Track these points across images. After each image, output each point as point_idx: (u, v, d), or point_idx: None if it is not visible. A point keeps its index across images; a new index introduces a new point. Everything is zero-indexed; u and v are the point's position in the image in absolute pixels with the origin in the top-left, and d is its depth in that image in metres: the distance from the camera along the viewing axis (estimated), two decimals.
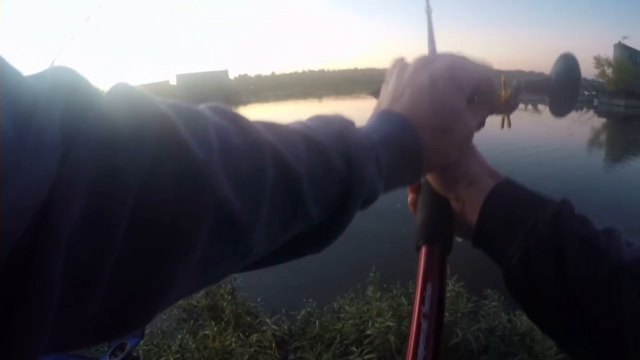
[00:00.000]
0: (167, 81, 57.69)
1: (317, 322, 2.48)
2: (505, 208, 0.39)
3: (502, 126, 0.48)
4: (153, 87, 53.25)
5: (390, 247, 5.58)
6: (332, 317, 2.56)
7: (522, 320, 2.40)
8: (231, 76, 63.12)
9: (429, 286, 0.38)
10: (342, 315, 2.50)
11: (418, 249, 0.41)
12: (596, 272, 0.33)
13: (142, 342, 2.08)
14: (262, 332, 2.22)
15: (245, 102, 45.52)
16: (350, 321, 2.40)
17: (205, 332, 2.23)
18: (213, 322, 2.21)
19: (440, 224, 0.42)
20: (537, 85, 0.48)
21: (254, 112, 39.77)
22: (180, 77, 56.86)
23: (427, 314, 0.36)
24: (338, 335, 2.37)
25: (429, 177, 0.45)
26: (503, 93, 0.46)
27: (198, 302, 2.66)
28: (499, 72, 0.49)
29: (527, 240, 0.36)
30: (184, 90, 51.71)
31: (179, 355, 2.20)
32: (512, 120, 0.48)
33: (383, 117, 0.38)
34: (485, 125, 0.46)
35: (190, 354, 2.19)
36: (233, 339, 2.03)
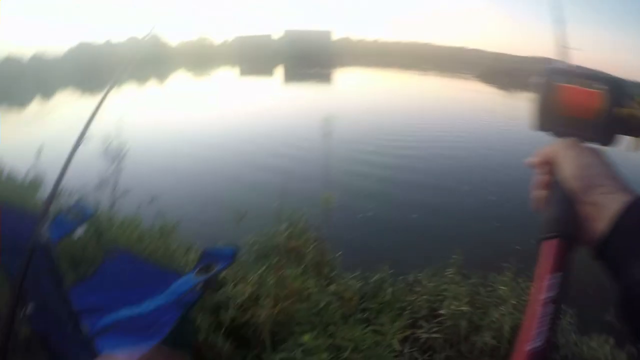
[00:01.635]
0: (269, 35, 59.15)
1: (391, 289, 2.50)
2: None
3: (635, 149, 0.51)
4: (259, 39, 55.10)
5: (478, 237, 5.41)
6: (404, 289, 2.56)
7: (591, 347, 2.21)
8: (334, 38, 62.87)
9: (557, 275, 0.41)
10: (417, 289, 2.49)
11: (544, 241, 0.45)
12: None
13: None
14: (340, 285, 2.30)
15: (347, 65, 45.20)
16: (424, 296, 2.38)
17: (285, 272, 2.36)
18: (295, 264, 2.34)
19: (572, 221, 0.46)
20: None
21: (354, 77, 39.50)
22: (287, 33, 58.01)
23: (554, 299, 0.40)
24: (409, 307, 2.37)
25: (569, 177, 0.48)
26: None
27: (279, 243, 2.81)
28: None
29: None
30: (288, 46, 52.77)
31: (256, 287, 2.37)
32: None
33: None
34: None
35: (266, 289, 2.35)
36: (312, 284, 2.13)
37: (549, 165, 0.52)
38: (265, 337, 1.73)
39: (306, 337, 1.55)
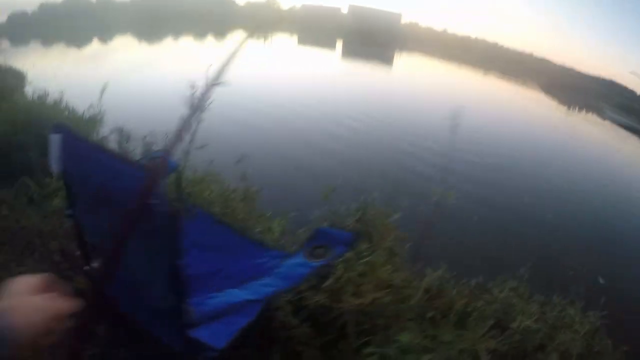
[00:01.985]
0: (339, 8, 58.00)
1: (455, 290, 2.50)
2: None
3: None
4: (324, 10, 54.21)
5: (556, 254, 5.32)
6: (470, 293, 2.55)
7: None
8: (402, 21, 60.93)
9: None
10: (484, 296, 2.48)
11: None
12: None
13: None
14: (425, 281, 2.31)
15: (410, 50, 43.95)
16: (492, 305, 2.37)
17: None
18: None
19: None
20: None
21: (415, 61, 38.38)
22: (352, 8, 56.73)
23: None
24: (474, 313, 2.37)
25: None
26: None
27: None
28: None
29: None
30: (354, 20, 51.65)
31: (342, 271, 2.36)
32: None
33: None
34: None
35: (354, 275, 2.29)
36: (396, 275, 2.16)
37: None
38: (350, 326, 1.72)
39: (403, 337, 1.56)
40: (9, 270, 2.22)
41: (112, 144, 3.65)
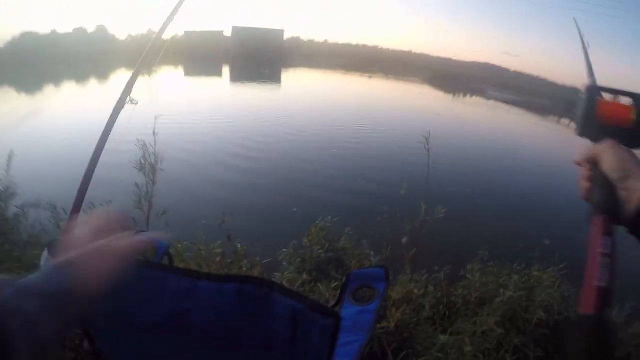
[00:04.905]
0: (222, 31, 57.69)
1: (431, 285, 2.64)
2: None
3: None
4: (207, 35, 53.47)
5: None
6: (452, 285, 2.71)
7: None
8: (285, 37, 62.69)
9: (607, 238, 0.59)
10: (462, 283, 2.66)
11: (594, 217, 0.62)
12: None
13: None
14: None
15: (297, 66, 45.23)
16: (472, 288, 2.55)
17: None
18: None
19: (613, 202, 0.62)
20: None
21: (302, 75, 39.53)
22: (235, 30, 56.83)
23: (608, 253, 0.57)
24: (460, 300, 2.53)
25: (610, 170, 0.64)
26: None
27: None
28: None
29: None
30: (238, 43, 51.77)
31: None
32: None
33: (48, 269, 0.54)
34: None
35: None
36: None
37: (592, 162, 0.68)
38: (384, 347, 1.71)
39: (443, 337, 1.59)
40: None
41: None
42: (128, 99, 1.05)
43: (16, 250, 2.54)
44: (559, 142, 15.92)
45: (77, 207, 0.95)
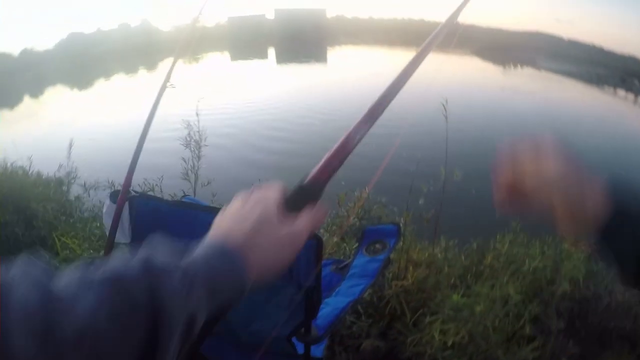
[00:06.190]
0: (264, 15, 58.08)
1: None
2: None
3: None
4: (250, 20, 54.08)
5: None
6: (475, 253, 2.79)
7: None
8: (328, 16, 61.97)
9: None
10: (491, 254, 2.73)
11: None
12: None
13: None
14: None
15: (342, 43, 44.69)
16: (501, 258, 2.62)
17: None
18: None
19: None
20: None
21: (348, 53, 39.01)
22: (278, 12, 57.01)
23: None
24: (488, 269, 2.61)
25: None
26: None
27: None
28: None
29: None
30: (282, 25, 51.97)
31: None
32: None
33: (215, 252, 0.42)
34: None
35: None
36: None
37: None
38: (402, 306, 1.89)
39: (455, 297, 1.72)
40: None
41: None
42: (168, 84, 1.25)
43: (79, 225, 2.96)
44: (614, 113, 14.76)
45: (128, 179, 1.17)
